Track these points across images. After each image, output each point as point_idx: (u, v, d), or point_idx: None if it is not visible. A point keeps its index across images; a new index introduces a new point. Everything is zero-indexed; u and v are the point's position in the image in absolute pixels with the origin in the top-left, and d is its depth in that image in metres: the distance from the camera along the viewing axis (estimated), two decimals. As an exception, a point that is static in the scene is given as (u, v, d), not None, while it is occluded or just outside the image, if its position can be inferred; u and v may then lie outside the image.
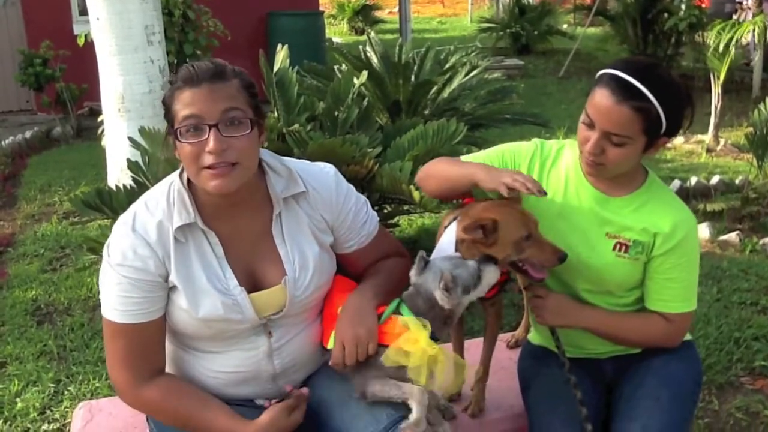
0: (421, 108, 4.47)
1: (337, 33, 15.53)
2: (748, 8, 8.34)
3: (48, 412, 2.84)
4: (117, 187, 2.96)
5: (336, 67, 4.73)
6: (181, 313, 1.65)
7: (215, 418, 1.64)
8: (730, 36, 6.27)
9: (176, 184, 1.66)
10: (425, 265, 1.74)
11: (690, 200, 4.98)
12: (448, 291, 1.67)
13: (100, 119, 4.52)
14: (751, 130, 4.87)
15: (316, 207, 1.75)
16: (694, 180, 5.28)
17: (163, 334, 1.69)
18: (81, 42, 6.50)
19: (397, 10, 11.81)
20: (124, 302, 1.61)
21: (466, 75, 4.57)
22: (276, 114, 3.37)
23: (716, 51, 6.34)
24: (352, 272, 1.87)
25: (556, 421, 1.85)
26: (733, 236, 4.36)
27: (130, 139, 3.23)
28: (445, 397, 2.15)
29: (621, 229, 1.86)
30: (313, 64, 4.69)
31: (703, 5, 9.97)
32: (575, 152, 1.88)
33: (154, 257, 1.61)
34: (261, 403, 1.74)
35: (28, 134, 7.49)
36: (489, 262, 1.76)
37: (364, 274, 1.86)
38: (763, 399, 2.81)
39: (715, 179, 5.28)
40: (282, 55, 3.48)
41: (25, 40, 8.43)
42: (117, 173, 4.09)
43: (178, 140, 1.57)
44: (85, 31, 6.09)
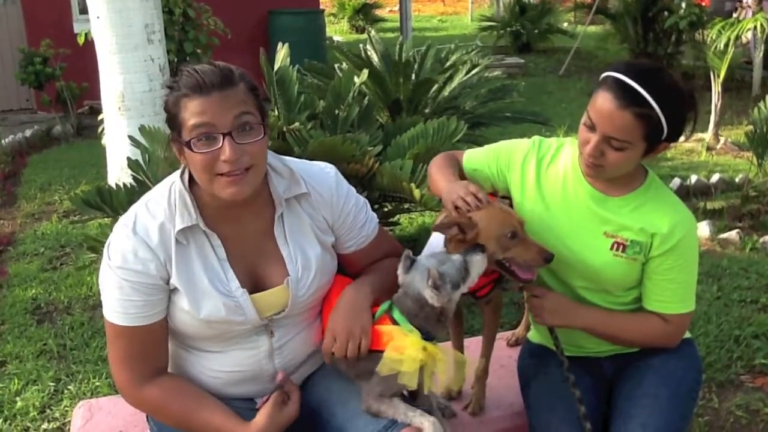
0: (422, 106, 4.47)
1: (338, 31, 15.52)
2: (748, 6, 8.31)
3: (48, 411, 2.84)
4: (117, 185, 2.96)
5: (336, 66, 4.74)
6: (182, 315, 1.65)
7: (215, 418, 1.64)
8: (730, 34, 6.26)
9: (177, 185, 1.64)
10: (411, 264, 1.71)
11: (690, 198, 4.98)
12: (437, 289, 1.64)
13: (100, 118, 4.52)
14: (751, 128, 4.86)
15: (318, 207, 1.75)
16: (694, 178, 5.28)
17: (165, 334, 1.68)
18: (81, 40, 6.51)
19: (397, 8, 11.81)
20: (125, 305, 1.60)
21: (467, 73, 4.57)
22: (276, 112, 3.37)
23: (716, 49, 6.34)
24: (351, 272, 1.87)
25: (556, 420, 1.85)
26: (733, 234, 4.36)
27: (131, 138, 3.23)
28: (449, 393, 2.15)
29: (619, 229, 1.85)
30: (314, 63, 4.70)
31: (704, 3, 9.95)
32: (575, 151, 1.87)
33: (156, 260, 1.60)
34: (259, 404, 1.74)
35: (29, 133, 7.48)
36: (475, 251, 1.73)
37: (363, 272, 1.86)
38: (763, 397, 2.81)
39: (715, 177, 5.28)
40: (282, 54, 3.48)
41: (25, 39, 8.42)
42: (117, 172, 4.10)
43: (189, 150, 1.54)
44: (86, 30, 6.10)
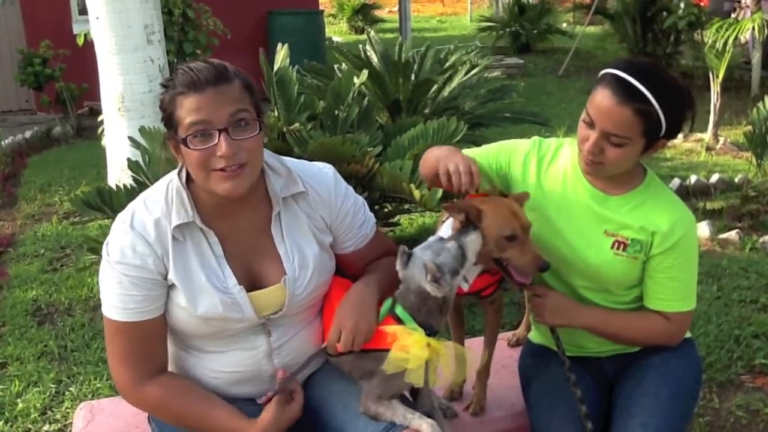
0: (421, 107, 4.47)
1: (337, 32, 15.53)
2: (747, 6, 8.33)
3: (49, 412, 2.84)
4: (117, 186, 2.96)
5: (336, 66, 4.74)
6: (180, 311, 1.65)
7: (217, 417, 1.64)
8: (729, 34, 6.27)
9: (174, 183, 1.65)
10: (408, 259, 1.71)
11: (690, 198, 4.98)
12: (437, 282, 1.64)
13: (100, 119, 4.52)
14: (750, 128, 4.87)
15: (315, 207, 1.75)
16: (693, 178, 5.28)
17: (164, 332, 1.69)
18: (80, 41, 6.51)
19: (396, 9, 11.83)
20: (124, 300, 1.61)
21: (466, 74, 4.58)
22: (276, 113, 3.37)
23: (715, 49, 6.34)
24: (349, 273, 1.87)
25: (557, 419, 1.86)
26: (733, 234, 4.36)
27: (131, 139, 3.23)
28: (451, 393, 2.16)
29: (619, 227, 1.86)
30: (313, 63, 4.70)
31: (702, 4, 9.95)
32: (575, 150, 1.88)
33: (153, 255, 1.61)
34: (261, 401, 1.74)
35: (28, 134, 7.48)
36: (467, 232, 1.73)
37: (363, 272, 1.86)
38: (763, 397, 2.81)
39: (715, 177, 5.29)
40: (282, 54, 3.48)
41: (25, 40, 8.42)
42: (117, 173, 4.10)
43: (185, 147, 1.55)
44: (85, 31, 6.10)
